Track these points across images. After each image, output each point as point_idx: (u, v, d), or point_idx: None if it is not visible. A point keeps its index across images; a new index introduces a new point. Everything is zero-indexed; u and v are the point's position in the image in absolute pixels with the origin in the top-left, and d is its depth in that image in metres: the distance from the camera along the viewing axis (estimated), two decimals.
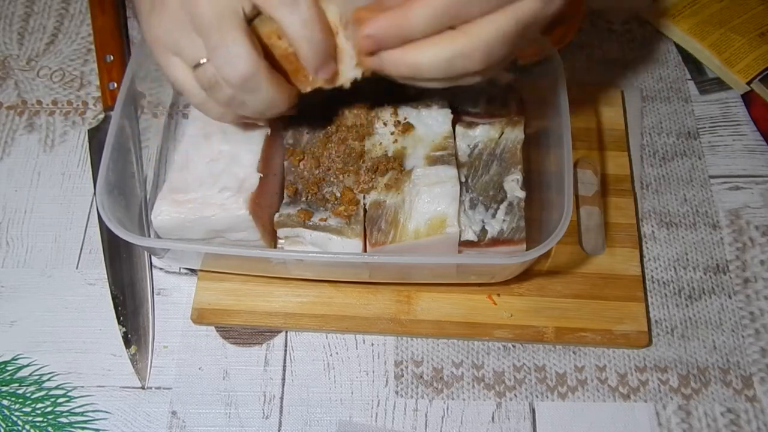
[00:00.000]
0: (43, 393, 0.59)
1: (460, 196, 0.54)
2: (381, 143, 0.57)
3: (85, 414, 0.58)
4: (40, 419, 0.57)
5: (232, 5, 0.40)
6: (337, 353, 0.60)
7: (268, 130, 0.56)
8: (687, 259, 0.63)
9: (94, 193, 0.65)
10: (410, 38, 0.38)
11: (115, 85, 0.71)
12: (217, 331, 0.61)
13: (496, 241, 0.54)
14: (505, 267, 0.53)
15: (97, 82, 0.74)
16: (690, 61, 0.74)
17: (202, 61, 0.42)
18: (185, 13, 0.41)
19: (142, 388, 0.59)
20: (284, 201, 0.57)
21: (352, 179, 0.57)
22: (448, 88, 0.57)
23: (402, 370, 0.59)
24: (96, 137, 0.70)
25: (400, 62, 0.40)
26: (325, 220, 0.54)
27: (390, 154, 0.57)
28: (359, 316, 0.59)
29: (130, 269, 0.63)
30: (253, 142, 0.55)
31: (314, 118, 0.59)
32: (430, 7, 0.37)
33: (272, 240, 0.58)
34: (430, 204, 0.53)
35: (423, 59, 0.39)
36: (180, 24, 0.42)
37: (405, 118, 0.58)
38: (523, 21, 0.38)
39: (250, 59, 0.41)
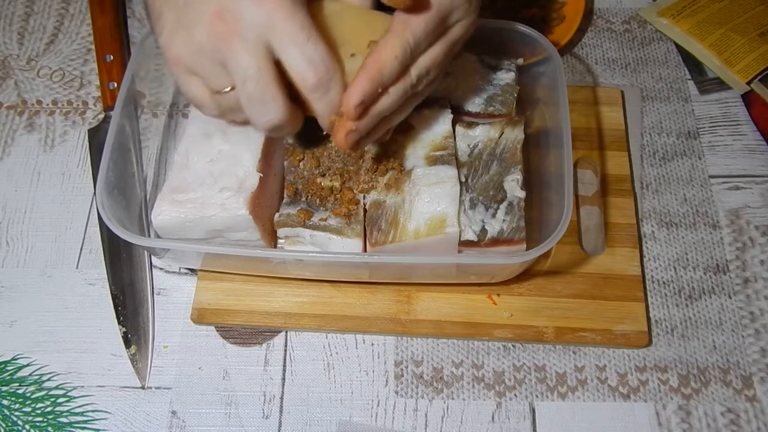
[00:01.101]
0: (43, 393, 0.59)
1: (460, 196, 0.54)
2: (381, 143, 0.57)
3: (85, 414, 0.58)
4: (40, 419, 0.57)
5: (268, 56, 0.40)
6: (337, 353, 0.60)
7: None
8: (687, 259, 0.63)
9: (94, 193, 0.65)
10: (385, 86, 0.43)
11: (115, 85, 0.71)
12: (217, 331, 0.61)
13: (496, 241, 0.54)
14: (505, 267, 0.53)
15: (97, 82, 0.74)
16: (690, 61, 0.74)
17: (225, 90, 0.42)
18: (216, 50, 0.41)
19: (142, 388, 0.59)
20: (284, 201, 0.57)
21: (352, 179, 0.57)
22: (447, 88, 0.57)
23: (402, 370, 0.59)
24: (96, 137, 0.70)
25: (372, 115, 0.44)
26: (325, 220, 0.54)
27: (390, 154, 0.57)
28: (359, 316, 0.59)
29: (130, 269, 0.63)
30: (253, 142, 0.55)
31: (314, 118, 0.59)
32: (397, 59, 0.42)
33: (272, 240, 0.58)
34: (430, 204, 0.53)
35: (386, 104, 0.44)
36: (207, 54, 0.41)
37: (405, 119, 0.58)
38: (453, 44, 0.46)
39: (283, 112, 0.42)
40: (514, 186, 0.55)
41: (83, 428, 0.57)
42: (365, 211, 0.55)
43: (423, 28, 0.42)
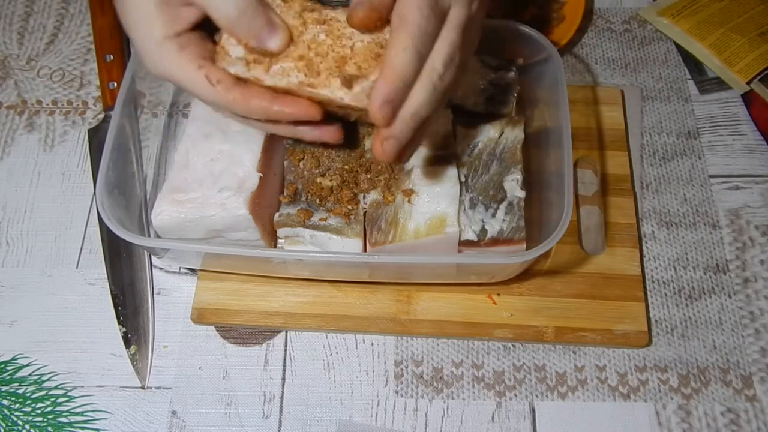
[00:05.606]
0: (43, 393, 0.59)
1: (460, 195, 0.54)
2: None
3: (85, 414, 0.58)
4: (40, 419, 0.58)
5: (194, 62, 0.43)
6: (337, 353, 0.60)
7: None
8: (687, 259, 0.63)
9: (94, 193, 0.65)
10: (409, 85, 0.41)
11: (115, 84, 0.71)
12: (217, 330, 0.61)
13: (496, 241, 0.54)
14: (505, 267, 0.53)
15: (97, 82, 0.74)
16: (690, 61, 0.74)
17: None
18: None
19: (142, 387, 0.59)
20: (284, 201, 0.56)
21: (353, 179, 0.57)
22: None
23: (402, 369, 0.59)
24: (96, 137, 0.70)
25: (407, 117, 0.42)
26: (325, 219, 0.54)
27: None
28: (359, 316, 0.59)
29: (130, 269, 0.63)
30: (253, 142, 0.55)
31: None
32: (406, 49, 0.40)
33: (272, 240, 0.58)
34: (430, 204, 0.53)
35: (418, 101, 0.42)
36: None
37: None
38: (461, 26, 0.43)
39: (216, 93, 0.42)
40: (514, 186, 0.55)
41: (83, 428, 0.57)
42: (365, 211, 0.55)
43: (418, 15, 0.41)
